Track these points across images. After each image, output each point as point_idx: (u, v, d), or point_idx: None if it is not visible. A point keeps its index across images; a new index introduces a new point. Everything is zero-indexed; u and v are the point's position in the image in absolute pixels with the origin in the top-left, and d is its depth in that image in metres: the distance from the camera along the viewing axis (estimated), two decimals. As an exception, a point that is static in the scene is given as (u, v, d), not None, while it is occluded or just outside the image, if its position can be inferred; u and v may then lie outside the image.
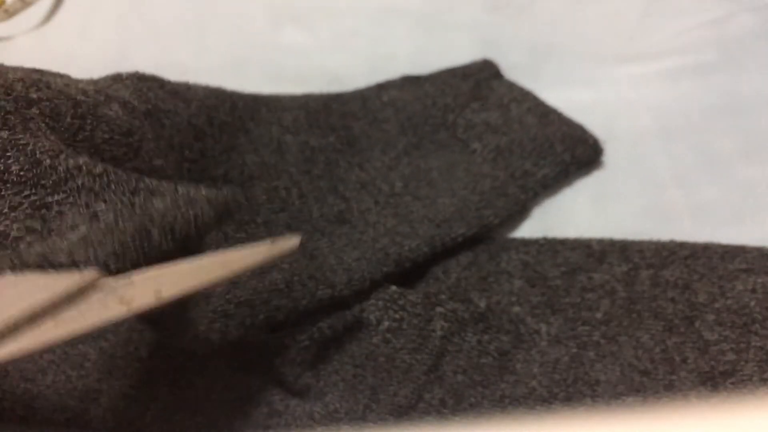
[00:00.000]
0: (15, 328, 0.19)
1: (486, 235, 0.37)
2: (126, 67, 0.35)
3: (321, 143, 0.40)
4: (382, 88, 0.43)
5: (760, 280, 0.33)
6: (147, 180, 0.27)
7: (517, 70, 0.44)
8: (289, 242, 0.26)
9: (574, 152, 0.39)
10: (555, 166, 0.38)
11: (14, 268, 0.21)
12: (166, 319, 0.31)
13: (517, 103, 0.41)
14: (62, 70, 0.29)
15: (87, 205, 0.24)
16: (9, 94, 0.25)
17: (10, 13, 0.50)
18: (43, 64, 0.28)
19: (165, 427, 0.33)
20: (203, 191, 0.27)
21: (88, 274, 0.21)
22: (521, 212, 0.38)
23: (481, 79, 0.43)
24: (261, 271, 0.32)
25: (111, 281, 0.21)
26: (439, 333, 0.34)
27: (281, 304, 0.32)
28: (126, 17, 0.50)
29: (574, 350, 0.33)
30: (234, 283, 0.32)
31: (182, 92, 0.37)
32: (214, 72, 0.46)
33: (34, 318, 0.20)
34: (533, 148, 0.38)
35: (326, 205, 0.37)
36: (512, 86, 0.42)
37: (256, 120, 0.40)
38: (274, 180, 0.38)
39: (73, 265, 0.21)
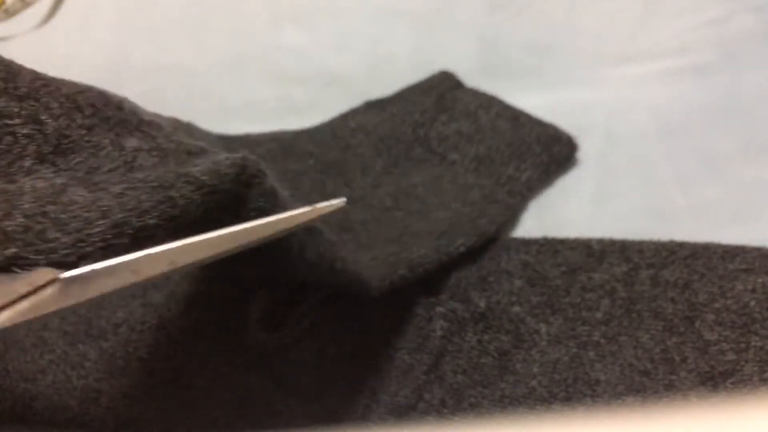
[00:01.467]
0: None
1: (484, 245, 0.37)
2: (126, 67, 0.35)
3: (301, 167, 0.40)
4: (347, 116, 0.43)
5: (760, 280, 0.33)
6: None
7: (517, 70, 0.44)
8: (334, 203, 0.24)
9: (552, 151, 0.39)
10: (536, 168, 0.39)
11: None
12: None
13: (485, 109, 0.41)
14: (62, 70, 0.29)
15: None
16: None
17: (10, 13, 0.50)
18: (43, 64, 0.27)
19: (165, 427, 0.33)
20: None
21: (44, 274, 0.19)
22: (514, 217, 0.38)
23: (443, 90, 0.43)
24: None
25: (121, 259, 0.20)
26: (439, 333, 0.34)
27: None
28: (126, 17, 0.50)
29: (574, 350, 0.33)
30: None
31: None
32: (214, 72, 0.46)
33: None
34: (512, 152, 0.39)
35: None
36: (476, 93, 0.42)
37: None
38: None
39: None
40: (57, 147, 0.22)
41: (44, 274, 0.19)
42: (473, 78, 0.44)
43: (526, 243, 0.36)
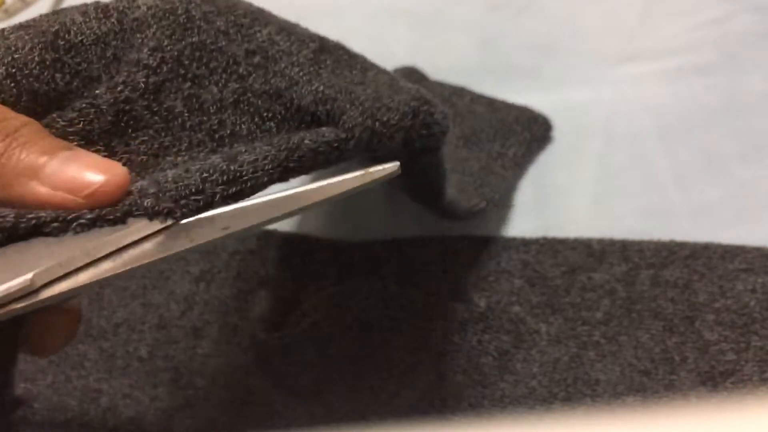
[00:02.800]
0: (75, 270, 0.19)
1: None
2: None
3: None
4: None
5: (760, 280, 0.33)
6: None
7: (517, 70, 0.43)
8: (387, 167, 0.23)
9: (532, 130, 0.40)
10: (520, 145, 0.39)
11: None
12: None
13: (459, 96, 0.42)
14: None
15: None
16: None
17: (10, 13, 0.50)
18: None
19: (165, 427, 0.33)
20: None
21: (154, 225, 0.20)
22: (510, 190, 0.39)
23: (412, 82, 0.43)
24: None
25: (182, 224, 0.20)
26: (439, 333, 0.34)
27: None
28: (126, 17, 0.50)
29: (574, 350, 0.33)
30: None
31: None
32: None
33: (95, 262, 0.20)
34: (495, 132, 0.39)
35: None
36: (443, 85, 0.43)
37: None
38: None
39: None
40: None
41: (149, 224, 0.20)
42: (473, 78, 0.44)
43: (526, 243, 0.36)
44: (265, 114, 0.23)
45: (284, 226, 0.39)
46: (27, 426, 0.34)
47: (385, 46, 0.46)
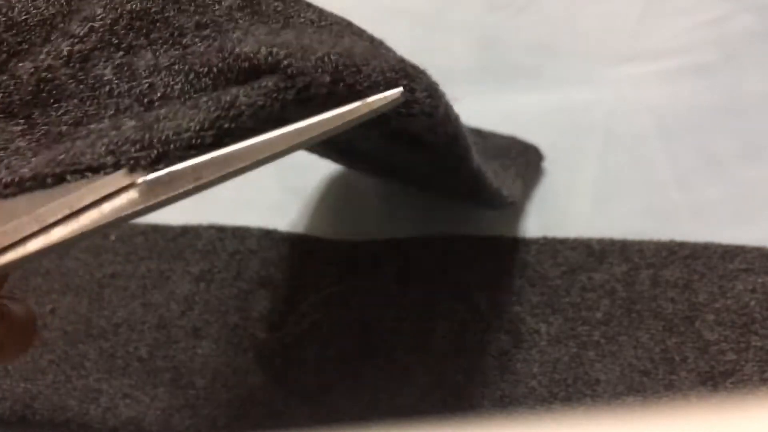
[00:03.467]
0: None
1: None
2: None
3: None
4: None
5: (760, 280, 0.33)
6: None
7: (517, 70, 0.43)
8: (387, 95, 0.21)
9: (527, 155, 0.38)
10: (519, 166, 0.38)
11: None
12: None
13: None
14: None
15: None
16: None
17: None
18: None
19: (165, 427, 0.33)
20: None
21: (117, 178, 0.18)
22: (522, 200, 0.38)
23: None
24: None
25: (146, 180, 0.18)
26: (439, 333, 0.34)
27: None
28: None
29: (574, 350, 0.33)
30: None
31: None
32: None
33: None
34: (493, 153, 0.37)
35: None
36: None
37: None
38: None
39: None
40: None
41: (122, 178, 0.18)
42: (473, 78, 0.44)
43: (526, 243, 0.36)
44: (201, 69, 0.21)
45: (284, 226, 0.39)
46: (27, 426, 0.34)
47: (385, 46, 0.46)
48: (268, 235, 0.38)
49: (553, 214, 0.38)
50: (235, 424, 0.33)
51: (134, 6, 0.22)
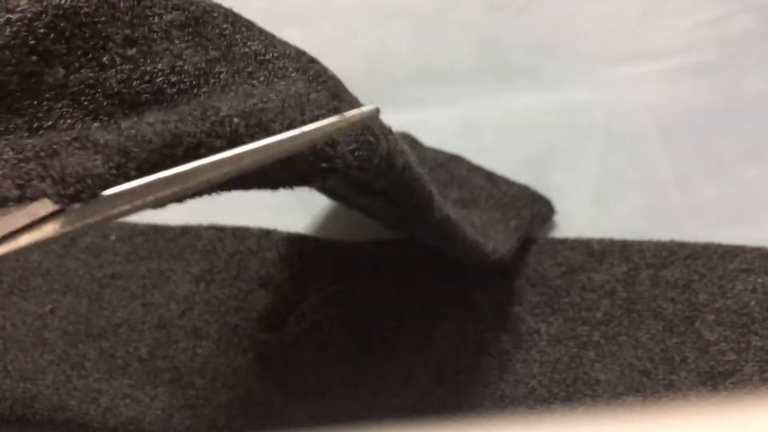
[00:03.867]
0: None
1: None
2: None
3: None
4: None
5: (760, 280, 0.33)
6: None
7: (517, 70, 0.43)
8: (364, 110, 0.20)
9: (534, 208, 0.37)
10: (522, 220, 0.36)
11: None
12: None
13: (456, 163, 0.38)
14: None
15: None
16: None
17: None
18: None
19: (165, 427, 0.33)
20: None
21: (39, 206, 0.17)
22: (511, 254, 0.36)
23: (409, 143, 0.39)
24: None
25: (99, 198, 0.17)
26: (439, 333, 0.34)
27: None
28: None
29: (574, 350, 0.33)
30: None
31: None
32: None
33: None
34: (495, 202, 0.37)
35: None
36: (438, 151, 0.39)
37: None
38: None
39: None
40: None
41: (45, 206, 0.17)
42: (473, 78, 0.44)
43: (526, 243, 0.36)
44: (99, 113, 0.19)
45: (284, 226, 0.39)
46: (27, 426, 0.34)
47: (385, 47, 0.46)
48: (268, 235, 0.38)
49: (553, 214, 0.38)
50: (235, 424, 0.33)
51: (64, 2, 0.19)
